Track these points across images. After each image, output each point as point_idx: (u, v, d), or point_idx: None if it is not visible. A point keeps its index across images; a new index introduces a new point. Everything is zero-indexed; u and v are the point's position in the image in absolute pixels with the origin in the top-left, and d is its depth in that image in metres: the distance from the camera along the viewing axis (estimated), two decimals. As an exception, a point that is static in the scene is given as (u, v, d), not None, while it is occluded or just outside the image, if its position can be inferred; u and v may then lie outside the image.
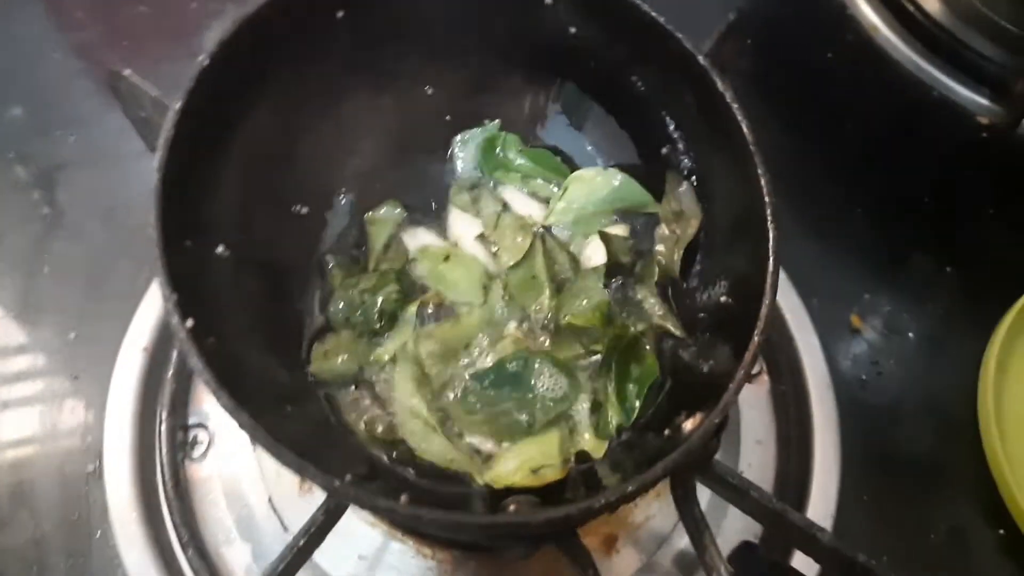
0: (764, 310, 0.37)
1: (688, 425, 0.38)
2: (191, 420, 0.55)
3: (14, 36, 0.67)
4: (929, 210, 0.65)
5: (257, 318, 0.42)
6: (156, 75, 0.50)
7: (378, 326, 0.47)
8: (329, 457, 0.37)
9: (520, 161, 0.52)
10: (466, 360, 0.48)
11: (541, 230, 0.50)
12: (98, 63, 0.66)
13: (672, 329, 0.47)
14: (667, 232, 0.48)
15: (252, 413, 0.33)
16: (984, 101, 0.70)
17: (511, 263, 0.49)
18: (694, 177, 0.47)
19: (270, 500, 0.52)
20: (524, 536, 0.38)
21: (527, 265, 0.49)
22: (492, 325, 0.49)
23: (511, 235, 0.50)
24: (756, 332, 0.36)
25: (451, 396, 0.46)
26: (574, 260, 0.49)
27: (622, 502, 0.35)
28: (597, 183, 0.51)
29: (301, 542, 0.41)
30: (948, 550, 0.53)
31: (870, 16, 0.74)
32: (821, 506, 0.52)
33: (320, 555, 0.47)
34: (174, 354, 0.55)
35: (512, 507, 0.38)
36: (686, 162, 0.47)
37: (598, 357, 0.47)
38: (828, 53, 0.72)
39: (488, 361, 0.47)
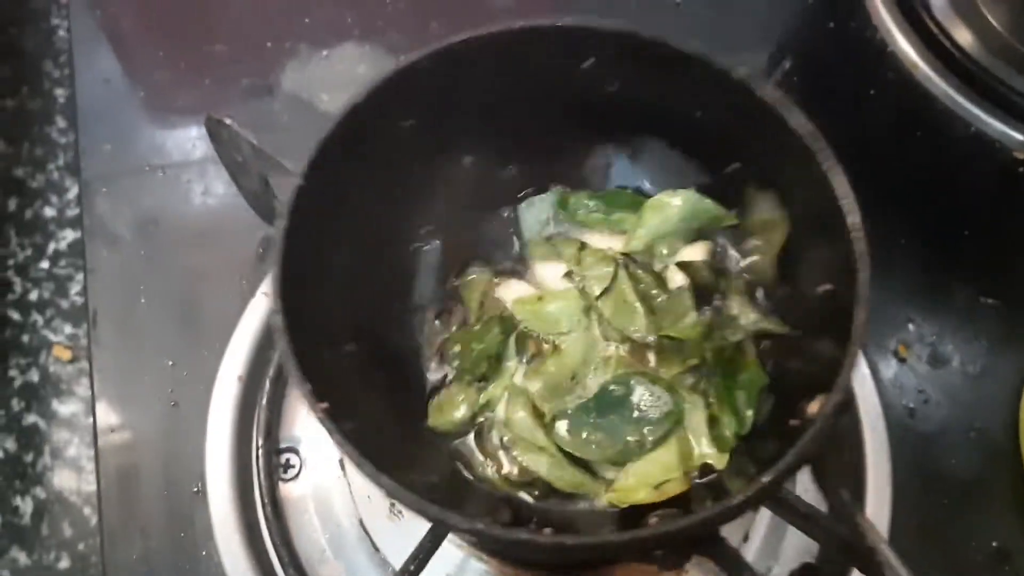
0: (861, 286, 0.39)
1: (813, 408, 0.40)
2: (283, 444, 0.58)
3: (101, 78, 0.70)
4: (969, 243, 0.68)
5: (381, 389, 0.46)
6: (237, 111, 0.54)
7: (484, 368, 0.50)
8: (465, 503, 0.40)
9: (594, 209, 0.55)
10: (578, 391, 0.50)
11: (622, 258, 0.53)
12: (183, 101, 0.70)
13: (773, 328, 0.49)
14: (757, 243, 0.50)
15: (391, 475, 0.36)
16: (1021, 137, 0.73)
17: (599, 291, 0.52)
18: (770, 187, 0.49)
19: (361, 522, 0.56)
20: (671, 547, 0.40)
21: (616, 291, 0.51)
22: (594, 351, 0.51)
23: (594, 266, 0.53)
24: (859, 305, 0.38)
25: (564, 429, 0.49)
26: (660, 281, 0.52)
27: (762, 496, 0.37)
28: (670, 206, 0.53)
29: (411, 567, 0.44)
30: (993, 569, 0.56)
31: (910, 53, 0.77)
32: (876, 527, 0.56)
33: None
34: (267, 383, 0.58)
35: (653, 520, 0.41)
36: (757, 174, 0.50)
37: (702, 371, 0.49)
38: (871, 90, 0.75)
39: (596, 387, 0.50)
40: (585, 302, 0.53)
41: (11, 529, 0.75)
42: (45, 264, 0.86)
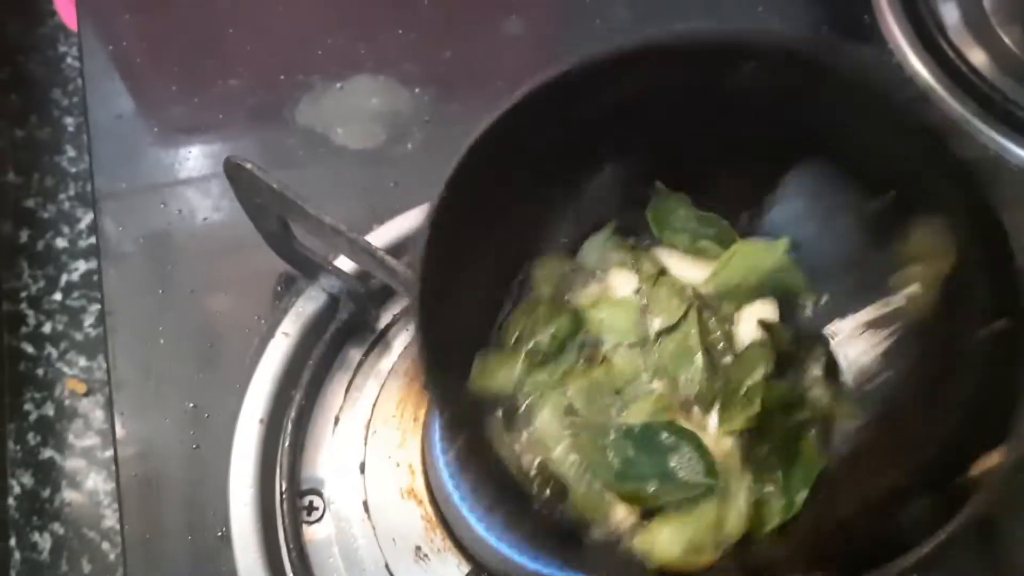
0: None
1: (983, 464, 0.38)
2: (306, 486, 0.58)
3: (114, 114, 0.70)
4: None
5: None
6: (251, 145, 0.54)
7: (547, 350, 0.49)
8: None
9: (683, 226, 0.53)
10: (615, 411, 0.49)
11: (696, 301, 0.50)
12: (198, 137, 0.70)
13: (842, 414, 0.48)
14: (920, 269, 0.47)
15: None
16: (1038, 159, 0.73)
17: (664, 326, 0.50)
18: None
19: (386, 566, 0.55)
20: None
21: (681, 331, 0.49)
22: (643, 378, 0.49)
23: (666, 297, 0.50)
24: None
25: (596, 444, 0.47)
26: (729, 337, 0.50)
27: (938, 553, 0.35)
28: (760, 257, 0.51)
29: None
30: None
31: (926, 77, 0.77)
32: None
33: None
34: (288, 424, 0.58)
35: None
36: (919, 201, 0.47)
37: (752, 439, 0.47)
38: (887, 114, 0.75)
39: (634, 416, 0.48)
40: (639, 320, 0.51)
41: (30, 565, 0.75)
42: (58, 296, 0.87)
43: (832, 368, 0.50)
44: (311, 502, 0.58)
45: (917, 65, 0.78)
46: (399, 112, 0.72)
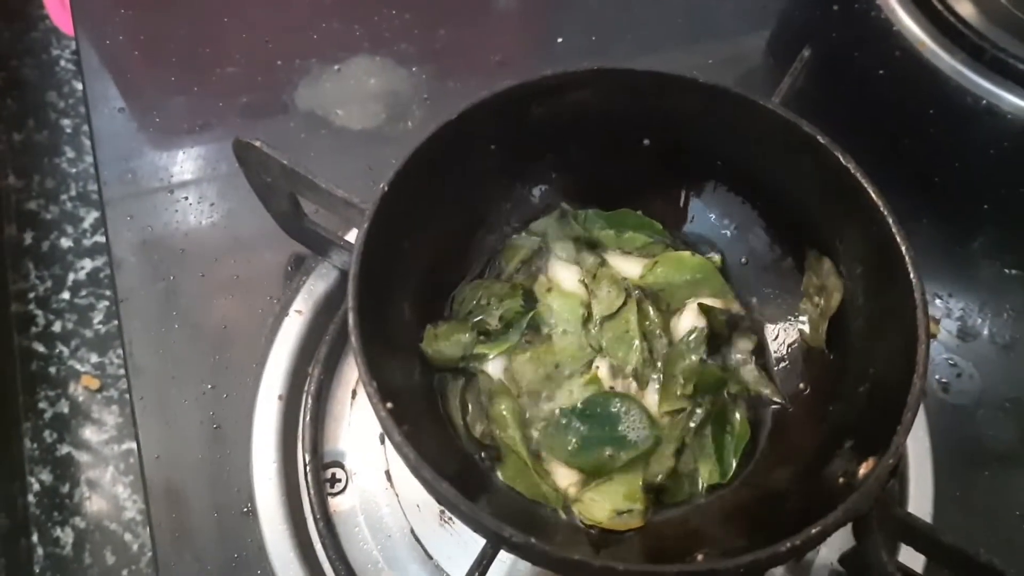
0: (920, 354, 0.42)
1: (862, 471, 0.42)
2: (328, 459, 0.59)
3: (115, 107, 0.70)
4: (990, 216, 0.69)
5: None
6: (253, 131, 0.54)
7: (493, 327, 0.53)
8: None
9: (604, 227, 0.58)
10: (554, 385, 0.53)
11: (637, 292, 0.55)
12: (200, 125, 0.70)
13: (769, 394, 0.52)
14: (811, 306, 0.53)
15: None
16: (1030, 106, 0.74)
17: (605, 314, 0.54)
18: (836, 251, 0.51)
19: (412, 531, 0.56)
20: None
21: (621, 319, 0.54)
22: (582, 357, 0.54)
23: (607, 288, 0.55)
24: (916, 376, 0.41)
25: (540, 424, 0.52)
26: (666, 324, 0.54)
27: (807, 547, 0.39)
28: (684, 265, 0.56)
29: (476, 573, 0.45)
30: (1039, 537, 0.57)
31: (916, 31, 0.78)
32: (920, 504, 0.56)
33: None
34: (308, 399, 0.59)
35: (699, 557, 0.42)
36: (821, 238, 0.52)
37: (688, 413, 0.52)
38: (880, 70, 0.76)
39: (574, 389, 0.53)
40: (584, 311, 0.55)
41: (54, 560, 0.76)
42: (66, 295, 0.87)
43: (760, 351, 0.55)
44: (334, 474, 0.58)
45: (907, 20, 0.79)
46: (397, 91, 0.73)
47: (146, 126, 0.71)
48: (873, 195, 0.46)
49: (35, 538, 0.74)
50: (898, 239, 0.45)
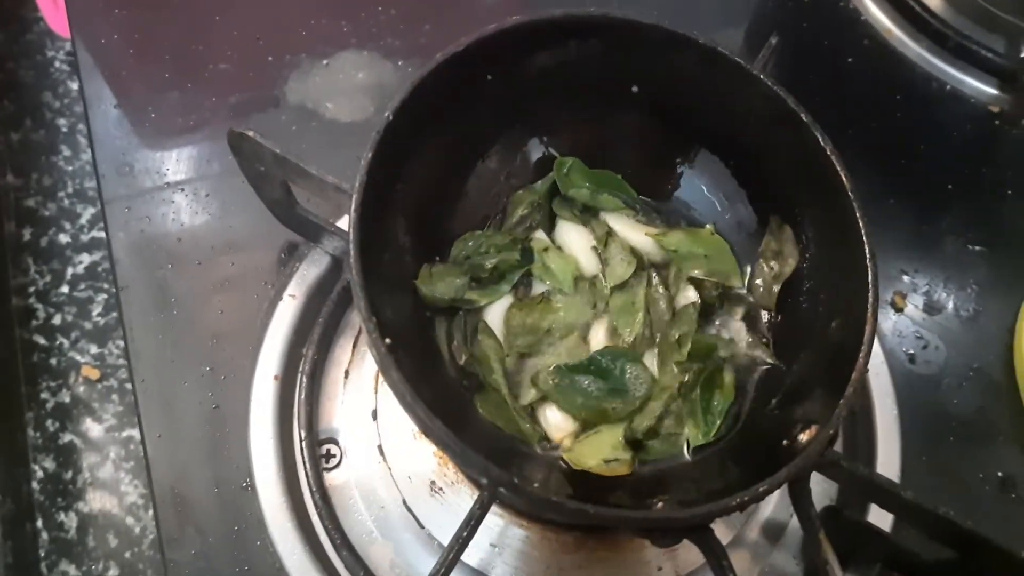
0: (867, 335, 0.44)
1: (804, 437, 0.44)
2: (323, 436, 0.61)
3: (111, 103, 0.73)
4: (954, 195, 0.72)
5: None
6: (246, 124, 0.57)
7: (485, 275, 0.55)
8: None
9: (586, 184, 0.59)
10: (544, 344, 0.55)
11: (649, 266, 0.57)
12: (194, 119, 0.73)
13: (762, 356, 0.54)
14: (766, 268, 0.55)
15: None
16: (993, 91, 0.77)
17: (615, 283, 0.56)
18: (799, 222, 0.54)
19: (404, 502, 0.59)
20: (667, 530, 0.45)
21: (629, 292, 0.56)
22: (578, 321, 0.55)
23: (618, 257, 0.57)
24: (860, 354, 0.43)
25: (549, 379, 0.53)
26: (670, 299, 0.56)
27: (752, 502, 0.41)
28: (699, 240, 0.58)
29: (464, 532, 0.47)
30: (1000, 497, 0.60)
31: (883, 20, 0.81)
32: (888, 468, 0.59)
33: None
34: (303, 379, 0.61)
35: (659, 505, 0.45)
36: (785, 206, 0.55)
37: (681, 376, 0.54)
38: (848, 58, 0.79)
39: (564, 351, 0.55)
40: (585, 274, 0.57)
41: (59, 544, 0.78)
42: (65, 289, 0.90)
43: (751, 315, 0.57)
44: (328, 450, 0.61)
45: (873, 9, 0.82)
46: (384, 84, 0.75)
47: (142, 122, 0.73)
48: (840, 170, 0.49)
49: (40, 523, 0.76)
50: (858, 215, 0.48)
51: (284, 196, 0.61)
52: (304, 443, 0.59)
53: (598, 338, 0.55)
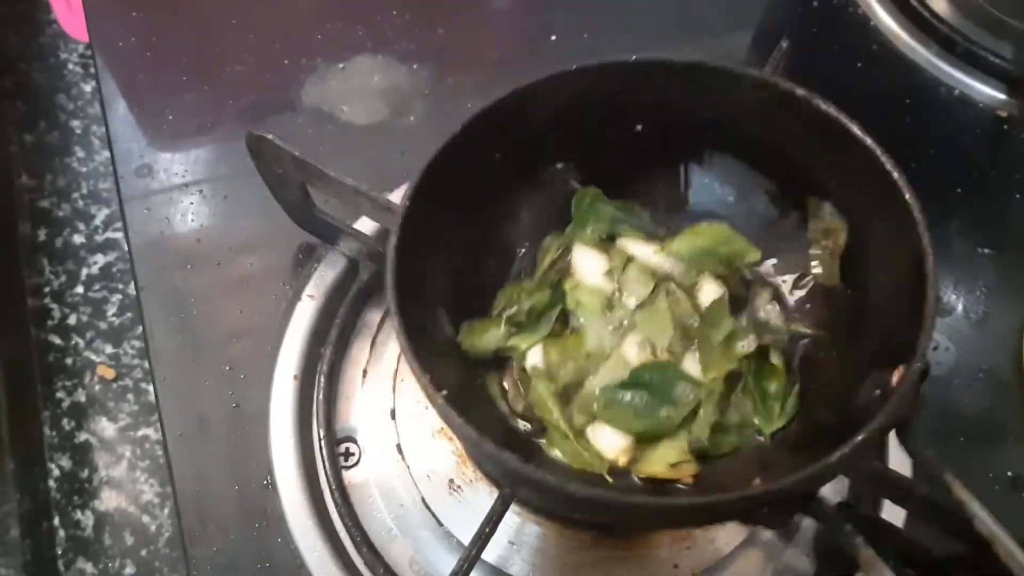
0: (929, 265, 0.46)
1: (895, 378, 0.45)
2: (341, 435, 0.62)
3: (129, 105, 0.74)
4: (963, 199, 0.73)
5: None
6: (262, 127, 0.58)
7: (523, 320, 0.56)
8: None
9: (608, 212, 0.60)
10: (587, 371, 0.56)
11: (664, 280, 0.58)
12: (211, 121, 0.73)
13: (803, 330, 0.55)
14: (820, 249, 0.56)
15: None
16: (1001, 96, 0.78)
17: (636, 304, 0.57)
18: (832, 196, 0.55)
19: (423, 500, 0.59)
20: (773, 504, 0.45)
21: (654, 306, 0.57)
22: (611, 341, 0.57)
23: (635, 280, 0.58)
24: (928, 285, 0.45)
25: (583, 403, 0.54)
26: (696, 304, 0.57)
27: (857, 455, 0.42)
28: (700, 234, 0.59)
29: (486, 530, 0.48)
30: (1011, 496, 0.61)
31: (891, 25, 0.82)
32: (900, 468, 0.60)
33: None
34: (321, 379, 0.62)
35: (757, 481, 0.44)
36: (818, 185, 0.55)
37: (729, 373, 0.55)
38: (857, 63, 0.80)
39: (606, 372, 0.55)
40: (606, 300, 0.58)
41: (75, 542, 0.79)
42: (80, 289, 0.90)
43: (779, 297, 0.58)
44: (347, 448, 0.62)
45: (882, 15, 0.82)
46: (399, 88, 0.76)
47: (159, 124, 0.74)
48: (858, 132, 0.50)
49: (56, 521, 0.77)
50: (888, 167, 0.49)
51: (301, 198, 0.62)
52: (323, 442, 0.60)
53: (632, 354, 0.56)
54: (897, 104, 0.78)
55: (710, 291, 0.57)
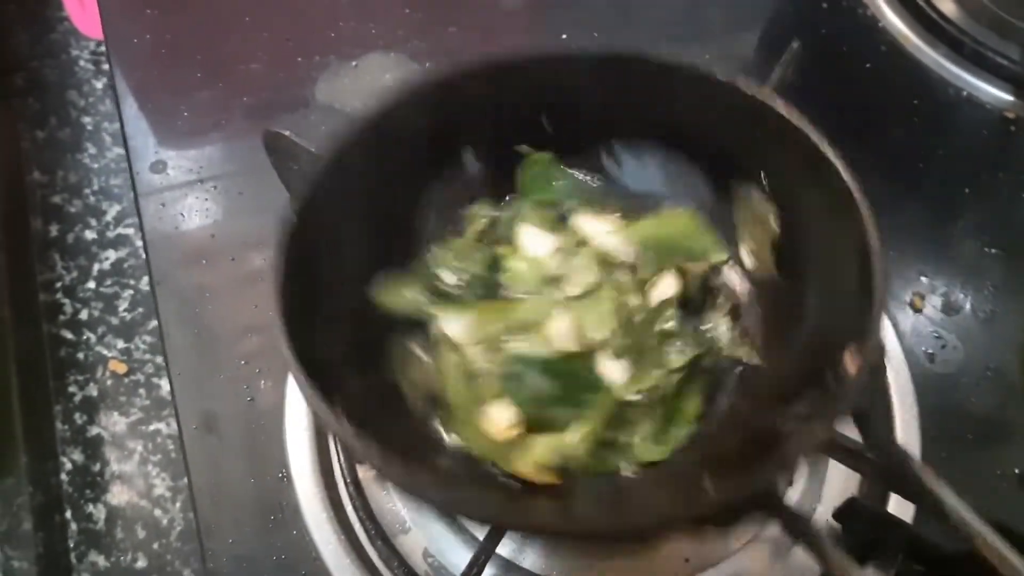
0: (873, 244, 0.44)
1: (848, 361, 0.43)
2: (355, 429, 0.63)
3: (144, 101, 0.74)
4: (971, 199, 0.74)
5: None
6: (276, 123, 0.58)
7: (448, 289, 0.54)
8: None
9: (559, 181, 0.58)
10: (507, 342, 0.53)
11: (613, 271, 0.54)
12: (226, 118, 0.74)
13: (743, 357, 0.53)
14: (749, 238, 0.54)
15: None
16: (1009, 97, 0.79)
17: (576, 293, 0.54)
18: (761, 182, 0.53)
19: (436, 493, 0.60)
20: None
21: (594, 298, 0.53)
22: (541, 318, 0.53)
23: (583, 267, 0.54)
24: (875, 260, 0.43)
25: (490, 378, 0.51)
26: (645, 298, 0.54)
27: (814, 440, 0.41)
28: (667, 225, 0.56)
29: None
30: (1018, 493, 0.62)
31: (900, 27, 0.82)
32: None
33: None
34: (335, 373, 0.62)
35: (707, 483, 0.44)
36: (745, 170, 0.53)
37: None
38: (866, 64, 0.81)
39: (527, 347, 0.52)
40: (544, 275, 0.55)
41: (88, 535, 0.80)
42: (91, 284, 0.91)
43: (735, 314, 0.56)
44: (361, 442, 0.62)
45: (891, 16, 0.83)
46: (412, 86, 0.77)
47: (174, 120, 0.75)
48: (790, 119, 0.48)
49: (69, 514, 0.78)
50: (826, 153, 0.46)
51: (318, 194, 0.62)
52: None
53: (561, 333, 0.52)
54: (905, 105, 0.79)
55: (664, 286, 0.54)
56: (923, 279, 0.70)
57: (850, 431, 0.57)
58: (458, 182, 0.58)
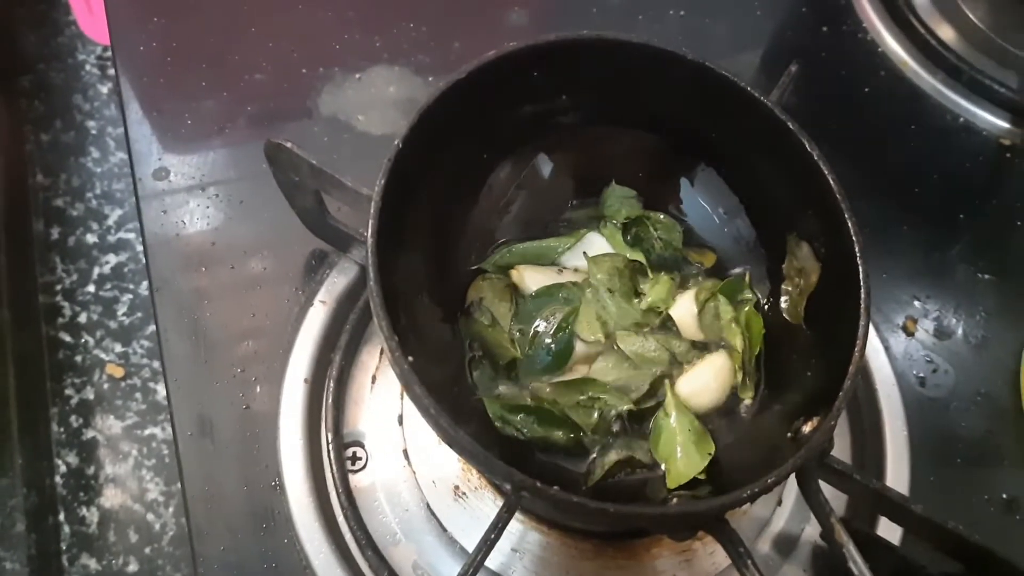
0: (861, 331, 0.46)
1: (807, 428, 0.47)
2: (349, 439, 0.63)
3: (149, 109, 0.75)
4: (965, 224, 0.74)
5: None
6: (280, 134, 0.59)
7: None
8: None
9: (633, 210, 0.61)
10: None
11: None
12: (229, 127, 0.75)
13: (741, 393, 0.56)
14: (791, 287, 0.56)
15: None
16: (1005, 124, 0.79)
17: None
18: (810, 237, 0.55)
19: (428, 506, 0.60)
20: (685, 525, 0.47)
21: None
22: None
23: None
24: (856, 349, 0.45)
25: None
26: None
27: (762, 492, 0.43)
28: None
29: (492, 535, 0.49)
30: (1005, 518, 0.62)
31: (900, 52, 0.83)
32: (898, 486, 0.61)
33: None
34: (330, 383, 0.63)
35: (674, 501, 0.47)
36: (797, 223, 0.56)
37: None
38: (865, 88, 0.81)
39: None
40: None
41: (80, 538, 0.80)
42: (91, 288, 0.91)
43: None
44: (355, 453, 0.63)
45: (890, 42, 0.84)
46: (415, 99, 0.77)
47: (178, 128, 0.75)
48: (829, 178, 0.50)
49: (62, 516, 0.78)
50: (848, 223, 0.49)
51: (316, 206, 0.63)
52: (331, 446, 0.61)
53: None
54: (903, 130, 0.79)
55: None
56: (916, 303, 0.70)
57: (840, 453, 0.58)
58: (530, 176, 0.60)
